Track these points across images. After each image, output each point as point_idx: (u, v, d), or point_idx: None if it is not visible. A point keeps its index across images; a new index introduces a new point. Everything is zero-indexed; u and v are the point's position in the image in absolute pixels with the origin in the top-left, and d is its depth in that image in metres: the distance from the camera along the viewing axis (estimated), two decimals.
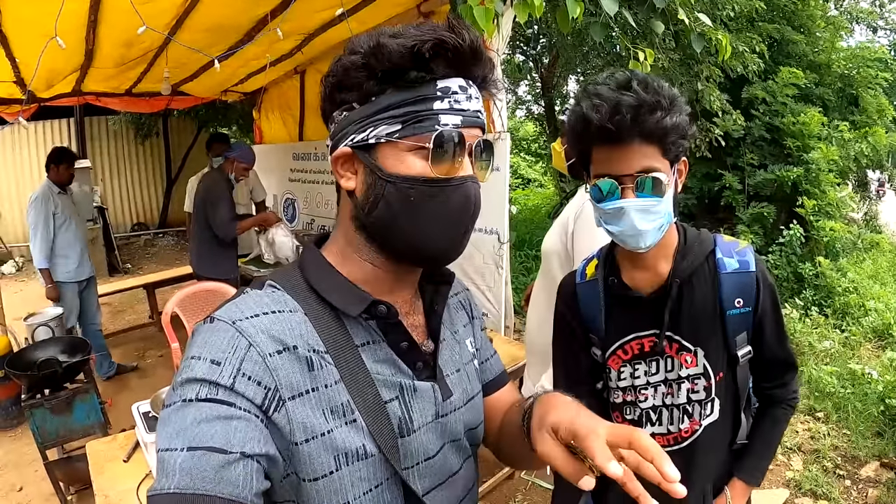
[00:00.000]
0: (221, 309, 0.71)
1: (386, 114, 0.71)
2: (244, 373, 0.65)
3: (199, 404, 0.62)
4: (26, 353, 2.94)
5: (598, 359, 1.33)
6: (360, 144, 0.73)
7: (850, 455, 3.30)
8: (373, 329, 0.77)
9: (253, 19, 3.23)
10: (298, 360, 0.69)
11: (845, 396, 3.76)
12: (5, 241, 8.53)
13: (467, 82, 0.73)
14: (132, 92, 4.99)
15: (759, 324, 1.22)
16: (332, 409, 0.70)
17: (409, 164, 0.71)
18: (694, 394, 1.24)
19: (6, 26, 2.85)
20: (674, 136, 1.06)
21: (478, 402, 0.91)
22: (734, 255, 1.20)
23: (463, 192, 0.73)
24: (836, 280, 5.37)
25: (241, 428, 0.62)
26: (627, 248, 1.17)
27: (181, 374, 0.65)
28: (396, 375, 0.77)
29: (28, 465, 3.35)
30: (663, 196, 1.08)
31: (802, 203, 5.84)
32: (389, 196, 0.71)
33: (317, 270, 0.78)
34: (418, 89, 0.70)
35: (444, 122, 0.70)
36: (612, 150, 1.07)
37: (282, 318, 0.71)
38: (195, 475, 0.58)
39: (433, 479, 0.82)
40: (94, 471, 1.87)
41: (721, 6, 5.29)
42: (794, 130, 6.10)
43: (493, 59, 0.76)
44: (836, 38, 7.45)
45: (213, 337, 0.67)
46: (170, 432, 0.61)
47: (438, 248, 0.75)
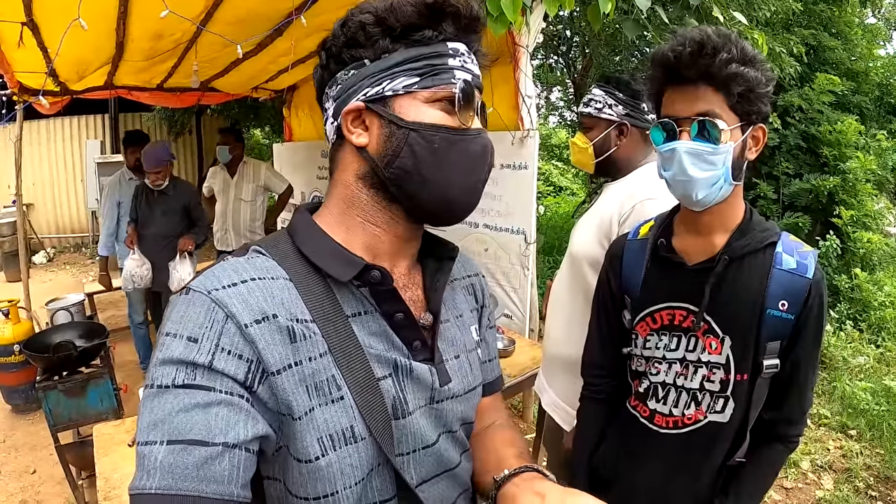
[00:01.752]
0: (199, 279, 0.67)
1: (402, 67, 0.71)
2: (223, 347, 0.61)
3: (177, 391, 0.59)
4: (43, 335, 2.99)
5: (626, 323, 1.28)
6: (373, 98, 0.72)
7: (884, 475, 3.15)
8: (366, 298, 0.73)
9: (281, 12, 3.22)
10: (279, 331, 0.65)
11: (880, 414, 3.60)
12: (37, 232, 8.73)
13: (469, 48, 0.77)
14: (163, 87, 5.05)
15: (796, 337, 1.13)
16: (317, 385, 0.66)
17: (428, 114, 0.72)
18: (709, 382, 1.17)
19: (37, 15, 2.89)
20: (740, 85, 1.02)
21: (475, 396, 0.86)
22: (795, 254, 1.12)
23: (481, 141, 0.75)
24: (872, 294, 5.17)
25: (222, 415, 0.59)
26: (681, 199, 1.13)
27: (157, 354, 0.62)
28: (391, 351, 0.72)
29: (44, 449, 3.40)
30: (718, 145, 1.04)
31: (839, 213, 5.64)
32: (414, 144, 0.71)
33: (305, 234, 0.74)
34: (433, 46, 0.72)
35: (460, 76, 0.73)
36: (677, 91, 1.08)
37: (261, 284, 0.67)
38: (177, 473, 0.56)
39: (429, 470, 0.76)
40: (99, 453, 1.88)
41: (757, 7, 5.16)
42: (831, 139, 5.91)
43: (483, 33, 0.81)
44: (874, 45, 7.26)
45: (189, 310, 0.64)
46: (147, 423, 0.59)
47: (459, 197, 0.75)
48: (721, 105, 1.04)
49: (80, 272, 7.99)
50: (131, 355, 4.44)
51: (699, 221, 1.16)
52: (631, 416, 1.29)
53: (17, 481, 3.13)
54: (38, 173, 8.73)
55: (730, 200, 1.12)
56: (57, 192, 9.13)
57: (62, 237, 9.28)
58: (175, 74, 4.70)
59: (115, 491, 1.65)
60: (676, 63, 1.04)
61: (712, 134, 1.04)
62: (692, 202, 1.10)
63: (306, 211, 0.78)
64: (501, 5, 2.21)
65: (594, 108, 1.75)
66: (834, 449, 3.44)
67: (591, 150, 1.77)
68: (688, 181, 1.07)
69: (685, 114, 1.06)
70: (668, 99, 1.10)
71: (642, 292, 1.24)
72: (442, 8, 0.71)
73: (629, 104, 1.72)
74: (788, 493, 3.06)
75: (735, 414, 1.16)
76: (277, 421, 0.65)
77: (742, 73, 1.02)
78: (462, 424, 0.83)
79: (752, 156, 1.12)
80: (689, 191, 1.08)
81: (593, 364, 1.41)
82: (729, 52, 1.01)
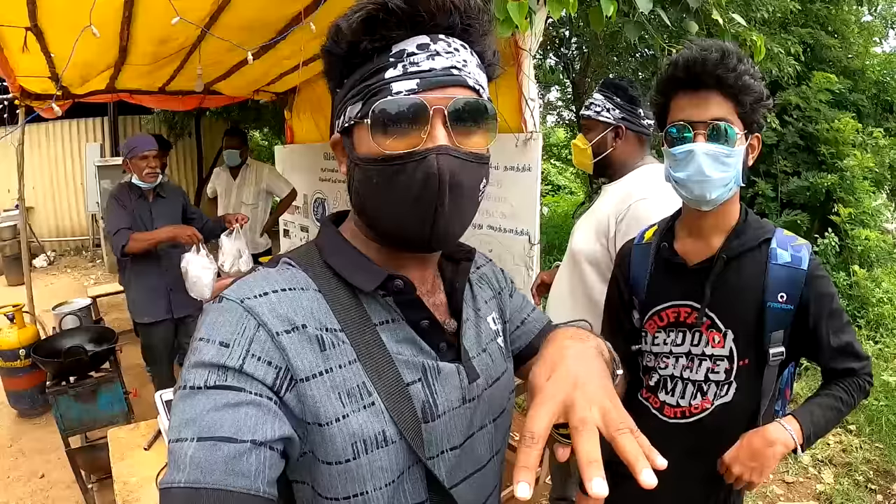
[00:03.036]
0: (231, 287, 0.69)
1: (349, 93, 0.68)
2: (253, 353, 0.63)
3: (208, 391, 0.61)
4: (53, 340, 3.00)
5: (635, 322, 1.36)
6: (342, 129, 0.72)
7: (883, 469, 3.20)
8: (392, 307, 0.74)
9: (286, 17, 3.24)
10: (309, 340, 0.66)
11: (879, 409, 3.64)
12: (38, 236, 8.72)
13: (433, 38, 0.65)
14: (165, 90, 5.06)
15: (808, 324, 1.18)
16: (349, 392, 0.67)
17: (368, 144, 0.66)
18: (713, 374, 1.24)
19: (42, 21, 2.91)
20: (751, 96, 1.10)
21: (503, 384, 0.86)
22: (789, 248, 1.19)
23: (423, 167, 0.64)
24: (870, 290, 5.21)
25: (251, 414, 0.60)
26: (693, 199, 1.17)
27: (190, 358, 0.64)
28: (419, 356, 0.73)
29: (51, 453, 3.41)
30: (734, 147, 1.11)
31: (837, 211, 5.69)
32: (358, 179, 0.69)
33: (332, 246, 0.76)
34: (374, 61, 0.66)
35: (396, 90, 0.64)
36: (691, 97, 1.13)
37: (292, 295, 0.68)
38: (206, 468, 0.57)
39: (461, 471, 0.77)
40: (115, 457, 1.89)
41: (755, 7, 5.20)
42: (829, 137, 5.95)
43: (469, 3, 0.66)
44: (871, 43, 7.30)
45: (221, 317, 0.65)
46: (179, 422, 0.60)
47: (409, 232, 0.68)
48: (732, 112, 1.11)
49: (82, 275, 8.00)
50: (137, 358, 4.44)
51: (700, 224, 1.23)
52: (644, 407, 1.36)
53: (26, 486, 3.14)
54: (37, 177, 8.72)
55: (729, 203, 1.20)
56: (57, 196, 9.13)
57: (62, 240, 9.28)
58: (178, 77, 4.70)
59: (133, 494, 1.67)
60: (699, 66, 1.09)
61: (729, 137, 1.11)
62: (705, 202, 1.16)
63: (331, 223, 0.80)
64: (508, 9, 2.23)
65: (593, 111, 1.88)
66: (834, 444, 3.48)
67: (590, 150, 1.88)
68: (705, 181, 1.13)
69: (700, 118, 1.12)
70: (680, 104, 1.15)
71: (648, 293, 1.31)
72: (372, 14, 0.63)
73: (626, 108, 1.84)
74: (790, 486, 3.10)
75: (739, 394, 1.23)
76: (302, 428, 0.66)
77: (752, 86, 1.10)
78: (494, 419, 0.83)
79: (750, 162, 1.20)
80: (705, 191, 1.14)
81: None
82: (743, 64, 1.08)
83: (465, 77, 0.66)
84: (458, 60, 0.66)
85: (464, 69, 0.67)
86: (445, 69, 0.65)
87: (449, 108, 0.64)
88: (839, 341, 1.20)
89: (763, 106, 1.14)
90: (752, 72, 1.10)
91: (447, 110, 0.64)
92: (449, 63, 0.65)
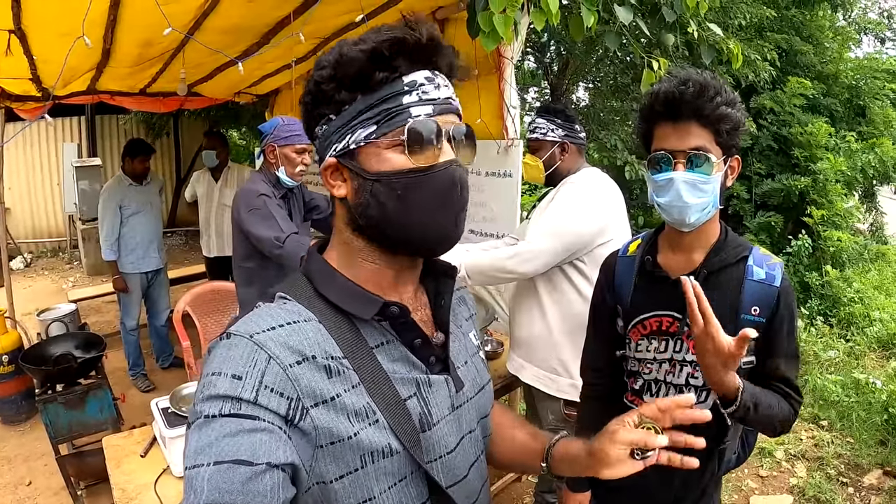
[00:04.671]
0: (237, 325, 0.72)
1: (360, 118, 0.74)
2: (266, 385, 0.66)
3: (223, 419, 0.63)
4: (41, 347, 2.99)
5: (619, 330, 1.44)
6: (342, 153, 0.76)
7: (854, 463, 3.33)
8: (386, 330, 0.79)
9: (271, 22, 3.26)
10: (318, 369, 0.71)
11: (849, 405, 3.79)
12: (14, 237, 8.57)
13: (433, 72, 0.75)
14: (146, 91, 5.02)
15: (771, 338, 1.28)
16: (356, 413, 0.72)
17: (390, 161, 0.73)
18: (693, 378, 1.33)
19: (26, 24, 2.89)
20: (728, 124, 1.17)
21: (488, 390, 0.95)
22: (764, 266, 1.28)
23: (447, 176, 0.75)
24: (842, 290, 5.39)
25: (265, 440, 0.63)
26: (674, 222, 1.26)
27: (203, 391, 0.66)
28: (412, 372, 0.79)
29: (37, 460, 3.39)
30: (711, 175, 1.19)
31: (810, 212, 5.86)
32: (378, 194, 0.74)
33: (323, 277, 0.80)
34: (386, 88, 0.73)
35: (416, 113, 0.73)
36: (671, 127, 1.20)
37: (297, 328, 0.72)
38: (223, 489, 0.59)
39: (456, 472, 0.84)
40: (111, 465, 1.89)
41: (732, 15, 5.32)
42: (802, 140, 6.12)
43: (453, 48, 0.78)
44: (844, 48, 7.49)
45: (231, 352, 0.68)
46: (195, 449, 0.62)
47: (435, 234, 0.77)
48: (710, 141, 1.19)
49: (60, 277, 7.87)
50: (119, 362, 4.43)
51: (682, 241, 1.32)
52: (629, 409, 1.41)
53: (13, 494, 3.11)
54: (13, 176, 8.56)
55: (709, 222, 1.28)
56: (33, 196, 8.97)
57: (39, 242, 9.13)
58: (159, 80, 4.67)
59: (132, 502, 1.69)
60: (678, 100, 1.17)
61: (706, 165, 1.19)
62: (685, 225, 1.25)
63: (317, 252, 0.84)
64: (494, 22, 2.28)
65: (539, 133, 2.19)
66: (806, 439, 3.61)
67: (542, 165, 2.20)
68: (683, 206, 1.21)
69: (680, 147, 1.19)
70: (662, 134, 1.23)
71: (632, 303, 1.39)
72: (390, 48, 0.71)
73: (566, 127, 2.17)
74: (764, 480, 3.21)
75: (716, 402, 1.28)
76: (311, 457, 0.69)
77: (729, 115, 1.17)
78: (479, 420, 0.92)
79: (730, 182, 1.28)
80: (684, 215, 1.23)
81: (592, 367, 1.58)
82: (721, 95, 1.16)
83: (457, 106, 0.79)
84: (451, 93, 0.78)
85: (455, 100, 0.79)
86: (446, 99, 0.76)
87: (452, 131, 0.76)
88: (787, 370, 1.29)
89: (741, 132, 1.22)
90: (729, 100, 1.17)
91: (451, 132, 0.76)
92: (447, 94, 0.77)
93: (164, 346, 4.63)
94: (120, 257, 4.11)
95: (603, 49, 6.14)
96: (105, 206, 4.05)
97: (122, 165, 4.18)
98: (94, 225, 7.01)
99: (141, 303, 4.36)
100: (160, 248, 4.39)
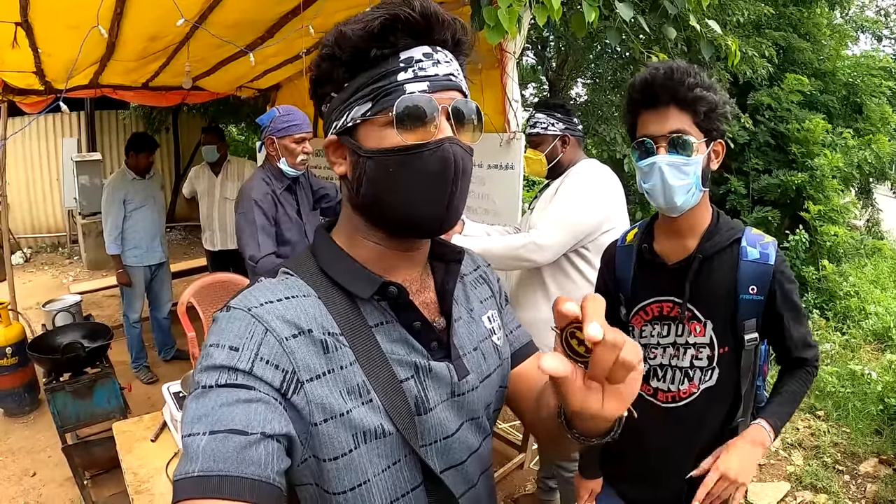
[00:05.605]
0: (237, 298, 0.74)
1: (357, 95, 0.74)
2: (262, 357, 0.67)
3: (219, 390, 0.64)
4: (48, 337, 3.01)
5: (622, 317, 1.48)
6: (341, 130, 0.76)
7: (850, 452, 3.38)
8: (386, 310, 0.79)
9: (276, 16, 3.28)
10: (314, 343, 0.71)
11: (845, 396, 3.84)
12: (14, 232, 8.57)
13: (433, 48, 0.74)
14: (149, 85, 5.03)
15: (774, 313, 1.33)
16: (349, 390, 0.73)
17: (384, 138, 0.73)
18: (697, 360, 1.37)
19: (32, 17, 2.90)
20: (704, 105, 1.22)
21: (495, 380, 0.91)
22: (757, 246, 1.32)
23: (440, 154, 0.73)
24: (838, 284, 5.44)
25: (260, 410, 0.64)
26: (661, 206, 1.30)
27: (201, 362, 0.67)
28: (411, 355, 0.79)
29: (41, 451, 3.41)
30: (692, 156, 1.23)
31: (807, 208, 5.90)
32: (370, 172, 0.74)
33: (327, 254, 0.81)
34: (382, 66, 0.72)
35: (410, 90, 0.72)
36: (651, 113, 1.25)
37: (295, 302, 0.73)
38: (218, 457, 0.59)
39: (451, 457, 0.83)
40: (122, 450, 1.93)
41: (731, 12, 5.36)
42: (799, 137, 6.16)
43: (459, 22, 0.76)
44: (842, 46, 7.50)
45: (230, 325, 0.69)
46: (191, 418, 0.63)
47: (426, 214, 0.75)
48: (689, 123, 1.24)
49: (60, 272, 7.88)
50: (121, 355, 4.46)
51: (675, 227, 1.36)
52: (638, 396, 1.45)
53: (18, 485, 3.13)
54: (12, 171, 8.53)
55: (699, 207, 1.32)
56: (33, 191, 8.95)
57: (39, 237, 9.12)
58: (162, 74, 4.68)
59: (144, 485, 1.73)
60: (651, 88, 1.22)
61: (686, 147, 1.23)
62: (673, 209, 1.29)
63: (324, 229, 0.85)
64: (499, 17, 2.31)
65: (541, 127, 2.25)
66: (803, 428, 3.66)
67: (544, 159, 2.25)
68: (667, 189, 1.26)
69: (660, 132, 1.25)
70: (643, 121, 1.28)
71: (633, 290, 1.44)
72: (383, 24, 0.70)
73: (565, 120, 2.24)
74: (761, 468, 3.26)
75: (723, 378, 1.35)
76: (306, 431, 0.70)
77: (705, 97, 1.22)
78: (486, 409, 0.89)
79: (714, 166, 1.32)
80: (669, 197, 1.27)
81: None
82: (693, 78, 1.21)
83: (460, 83, 0.77)
84: (453, 69, 0.76)
85: (458, 76, 0.77)
86: (446, 75, 0.75)
87: (451, 107, 0.74)
88: (798, 332, 1.36)
89: (719, 114, 1.26)
90: (703, 83, 1.22)
91: (450, 109, 0.74)
92: (448, 70, 0.75)
93: (167, 338, 4.66)
94: (123, 251, 4.14)
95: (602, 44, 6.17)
96: (109, 200, 4.08)
97: (126, 160, 4.20)
98: (94, 220, 7.03)
99: (144, 296, 4.40)
100: (163, 242, 4.42)
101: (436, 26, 0.73)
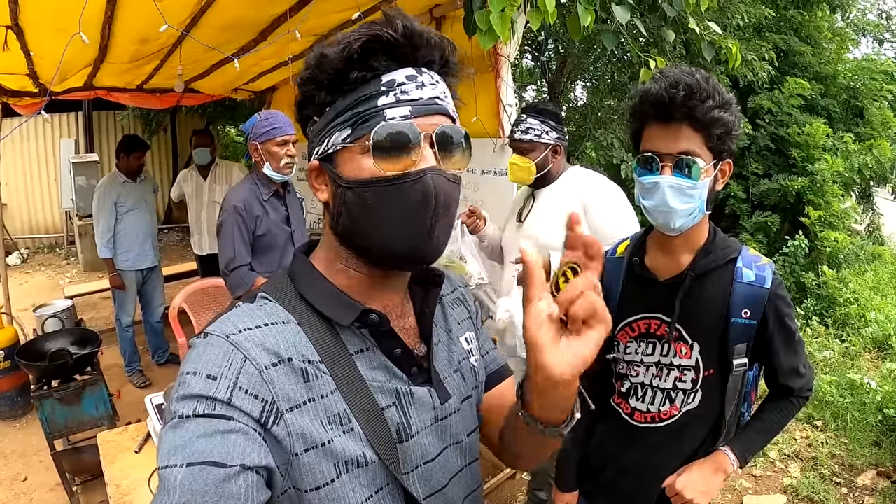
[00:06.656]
0: (214, 324, 0.71)
1: (337, 120, 0.71)
2: (241, 386, 0.64)
3: (197, 420, 0.62)
4: (36, 343, 2.99)
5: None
6: (322, 156, 0.73)
7: (847, 463, 3.33)
8: (366, 336, 0.77)
9: (268, 18, 3.25)
10: (294, 372, 0.69)
11: (844, 406, 3.79)
12: (11, 233, 8.56)
13: (418, 70, 0.71)
14: (143, 87, 5.02)
15: (766, 338, 1.28)
16: (331, 419, 0.70)
17: (362, 167, 0.69)
18: (681, 382, 1.31)
19: (23, 19, 2.88)
20: (720, 128, 1.13)
21: (473, 401, 0.90)
22: (754, 267, 1.26)
23: (420, 187, 0.69)
24: (837, 290, 5.40)
25: (239, 441, 0.62)
26: (659, 226, 1.24)
27: (177, 391, 0.65)
28: (392, 381, 0.77)
29: (33, 455, 3.40)
30: (698, 181, 1.15)
31: (807, 213, 5.86)
32: (349, 202, 0.71)
33: (306, 280, 0.78)
34: (362, 89, 0.69)
35: (391, 115, 0.68)
36: (661, 128, 1.16)
37: (275, 329, 0.71)
38: (196, 490, 0.58)
39: (433, 483, 0.81)
40: (106, 461, 1.91)
41: (730, 15, 5.33)
42: (800, 141, 6.13)
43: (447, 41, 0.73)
44: (843, 49, 7.48)
45: (207, 352, 0.67)
46: (168, 449, 0.61)
47: (405, 248, 0.72)
48: (700, 145, 1.15)
49: (57, 273, 7.87)
50: (115, 359, 4.45)
51: (670, 243, 1.29)
52: (615, 412, 1.42)
53: (9, 489, 3.12)
54: (10, 172, 8.55)
55: (698, 224, 1.25)
56: (30, 192, 8.95)
57: (36, 238, 9.11)
58: (156, 76, 4.67)
59: (126, 497, 1.70)
60: (667, 103, 1.12)
61: (693, 171, 1.15)
62: (670, 229, 1.23)
63: (303, 254, 0.82)
64: (491, 21, 2.28)
65: (533, 134, 2.15)
66: (801, 439, 3.61)
67: (534, 167, 2.17)
68: (669, 211, 1.19)
69: (668, 150, 1.16)
70: (651, 135, 1.19)
71: (620, 305, 1.37)
72: (363, 47, 0.67)
73: (558, 129, 2.17)
74: (758, 480, 3.22)
75: (704, 402, 1.30)
76: (286, 462, 0.67)
77: (722, 118, 1.13)
78: (469, 434, 0.87)
79: (719, 187, 1.25)
80: (669, 220, 1.20)
81: None
82: (714, 98, 1.12)
83: (447, 106, 0.73)
84: (440, 91, 0.72)
85: (444, 99, 0.73)
86: (431, 99, 0.71)
87: (436, 134, 0.70)
88: (788, 360, 1.30)
89: (734, 136, 1.18)
90: (722, 103, 1.13)
91: (434, 135, 0.70)
92: (433, 93, 0.71)
93: (160, 342, 4.63)
94: (115, 255, 4.12)
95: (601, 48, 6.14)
96: (100, 203, 4.05)
97: (117, 162, 4.18)
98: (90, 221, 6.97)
99: (136, 299, 4.37)
100: (154, 245, 4.40)
101: (421, 47, 0.70)
